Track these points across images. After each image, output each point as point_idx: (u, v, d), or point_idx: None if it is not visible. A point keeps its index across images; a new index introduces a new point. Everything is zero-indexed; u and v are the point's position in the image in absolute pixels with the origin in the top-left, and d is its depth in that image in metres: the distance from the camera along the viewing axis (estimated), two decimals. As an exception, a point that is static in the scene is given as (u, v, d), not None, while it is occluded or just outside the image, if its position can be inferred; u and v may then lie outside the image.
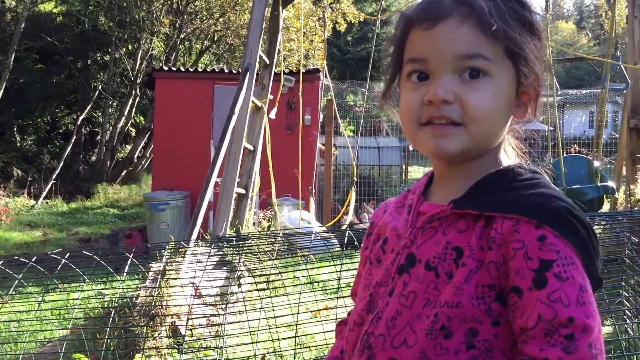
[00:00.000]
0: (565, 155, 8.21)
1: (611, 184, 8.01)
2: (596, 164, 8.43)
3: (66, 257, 2.84)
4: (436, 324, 0.94)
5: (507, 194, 0.95)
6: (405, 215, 1.07)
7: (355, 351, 1.05)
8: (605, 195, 8.15)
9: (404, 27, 1.03)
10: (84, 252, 3.01)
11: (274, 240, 4.19)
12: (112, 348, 3.50)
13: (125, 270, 3.03)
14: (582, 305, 0.87)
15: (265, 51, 6.27)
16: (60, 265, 3.16)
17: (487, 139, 0.99)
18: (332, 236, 5.93)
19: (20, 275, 3.21)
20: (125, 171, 18.82)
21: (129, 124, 19.68)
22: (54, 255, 2.94)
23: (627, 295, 3.14)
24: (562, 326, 0.86)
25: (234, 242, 4.00)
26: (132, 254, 2.98)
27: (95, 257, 2.97)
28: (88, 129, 20.52)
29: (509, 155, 1.06)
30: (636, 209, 5.02)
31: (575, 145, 12.90)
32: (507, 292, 0.92)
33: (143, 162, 19.24)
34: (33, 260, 2.83)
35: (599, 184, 8.08)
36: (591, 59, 10.63)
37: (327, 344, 3.34)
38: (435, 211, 1.01)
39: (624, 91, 7.05)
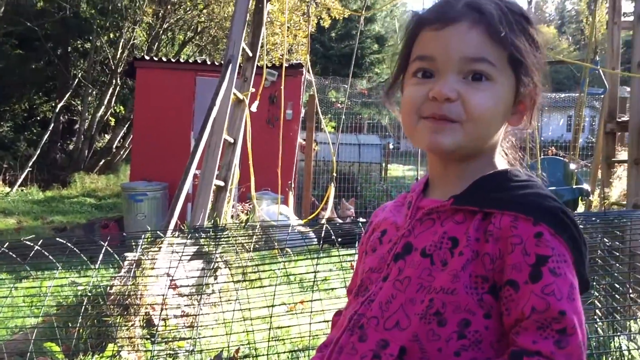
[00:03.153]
0: (542, 157, 8.31)
1: (586, 186, 8.14)
2: (572, 166, 8.55)
3: (39, 243, 2.80)
4: (431, 309, 0.97)
5: (505, 193, 1.00)
6: (405, 210, 1.12)
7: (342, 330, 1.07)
8: (580, 198, 8.28)
9: (415, 26, 1.07)
10: (57, 239, 2.97)
11: (251, 232, 4.18)
12: (84, 338, 3.47)
13: (100, 259, 3.00)
14: (573, 301, 0.92)
15: (248, 44, 6.24)
16: (34, 253, 3.12)
17: (481, 138, 1.03)
18: (310, 231, 5.93)
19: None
20: (103, 161, 18.60)
21: (109, 114, 19.44)
22: (27, 242, 2.90)
23: (597, 295, 3.20)
24: (555, 320, 0.90)
25: (211, 234, 3.99)
26: (106, 242, 2.95)
27: (68, 244, 2.94)
28: (67, 117, 20.22)
29: (504, 161, 1.10)
30: (610, 209, 5.09)
31: (553, 147, 13.06)
32: (500, 286, 0.96)
33: (122, 152, 19.03)
34: (5, 246, 2.79)
35: (574, 186, 8.21)
36: (571, 63, 10.78)
37: (301, 337, 3.34)
38: (434, 205, 1.05)
39: (602, 96, 7.14)
